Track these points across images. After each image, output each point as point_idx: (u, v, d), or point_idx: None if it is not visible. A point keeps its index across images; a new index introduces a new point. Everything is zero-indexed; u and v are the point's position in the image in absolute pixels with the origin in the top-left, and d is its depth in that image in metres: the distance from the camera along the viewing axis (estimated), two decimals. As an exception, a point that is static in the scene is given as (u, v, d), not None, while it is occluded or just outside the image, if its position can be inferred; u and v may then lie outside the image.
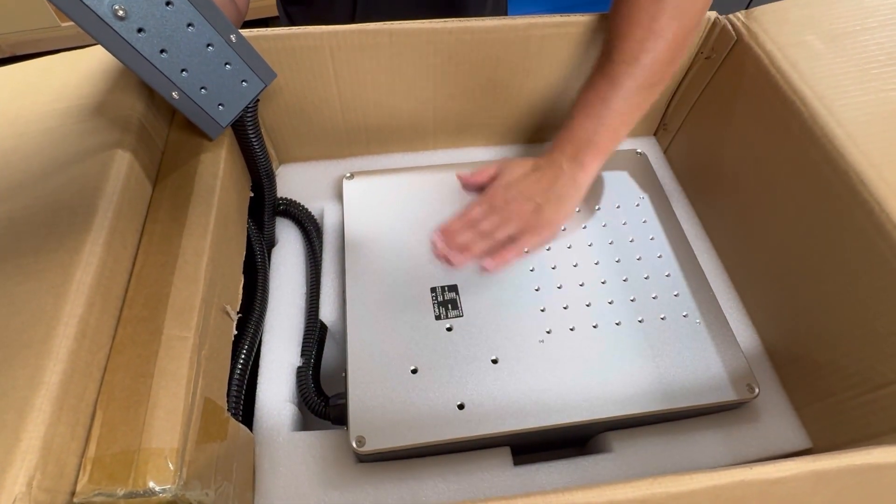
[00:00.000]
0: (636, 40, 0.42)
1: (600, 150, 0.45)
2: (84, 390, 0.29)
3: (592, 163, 0.45)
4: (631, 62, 0.42)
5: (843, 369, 0.39)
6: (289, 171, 0.59)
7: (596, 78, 0.45)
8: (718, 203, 0.54)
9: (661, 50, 0.42)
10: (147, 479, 0.27)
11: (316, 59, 0.48)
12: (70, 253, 0.31)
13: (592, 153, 0.45)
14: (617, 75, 0.43)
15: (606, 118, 0.44)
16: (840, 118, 0.40)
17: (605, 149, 0.45)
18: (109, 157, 0.36)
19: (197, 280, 0.35)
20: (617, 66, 0.43)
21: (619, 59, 0.43)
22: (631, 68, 0.42)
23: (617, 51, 0.43)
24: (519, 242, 0.45)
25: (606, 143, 0.45)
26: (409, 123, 0.56)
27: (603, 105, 0.44)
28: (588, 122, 0.44)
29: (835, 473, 0.26)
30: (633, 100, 0.44)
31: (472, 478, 0.39)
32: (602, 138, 0.44)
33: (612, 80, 0.43)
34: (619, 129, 0.45)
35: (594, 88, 0.44)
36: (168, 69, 0.36)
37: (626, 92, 0.43)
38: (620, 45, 0.43)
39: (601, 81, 0.44)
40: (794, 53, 0.44)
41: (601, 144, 0.45)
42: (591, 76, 0.46)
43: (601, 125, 0.44)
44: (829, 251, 0.40)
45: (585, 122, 0.44)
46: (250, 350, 0.42)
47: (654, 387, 0.40)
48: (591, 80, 0.45)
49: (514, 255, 0.45)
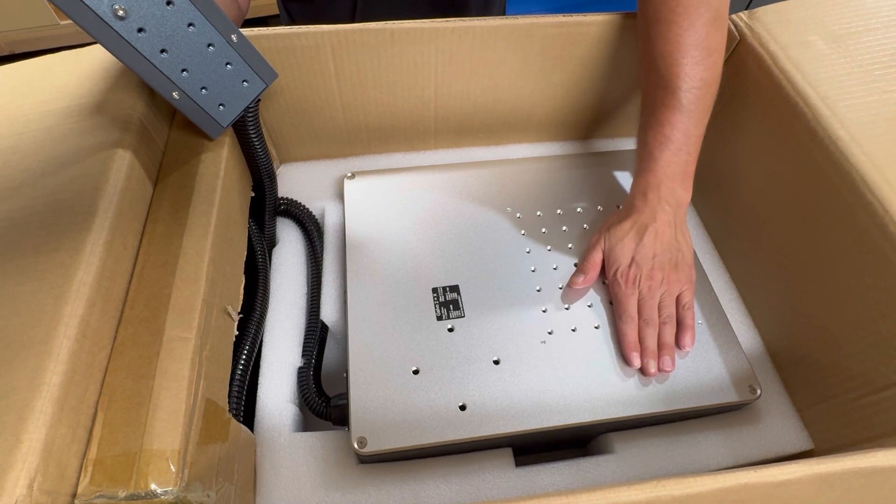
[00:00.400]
0: (696, 62, 0.41)
1: (691, 176, 0.44)
2: (85, 391, 0.29)
3: (689, 191, 0.44)
4: (695, 84, 0.41)
5: (846, 371, 0.39)
6: (290, 170, 0.58)
7: (664, 113, 0.42)
8: (721, 204, 0.53)
9: (719, 62, 0.42)
10: (149, 480, 0.27)
11: (317, 59, 0.48)
12: (70, 253, 0.31)
13: (686, 182, 0.44)
14: (684, 102, 0.42)
15: (689, 147, 0.43)
16: (844, 119, 0.40)
17: (693, 173, 0.44)
18: (110, 157, 0.36)
19: (198, 280, 0.35)
20: (682, 93, 0.41)
21: (683, 86, 0.41)
22: (701, 91, 0.42)
23: (676, 78, 0.41)
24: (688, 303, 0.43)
25: (693, 169, 0.44)
26: (411, 123, 0.56)
27: (684, 137, 0.42)
28: (672, 157, 0.43)
29: (839, 476, 0.26)
30: (703, 120, 0.43)
31: (473, 479, 0.39)
32: (691, 167, 0.43)
33: (680, 110, 0.42)
34: (697, 151, 0.44)
35: (667, 123, 0.42)
36: (168, 69, 0.36)
37: (698, 116, 0.42)
38: (677, 72, 0.41)
39: (671, 115, 0.42)
40: (797, 54, 0.44)
41: (691, 172, 0.44)
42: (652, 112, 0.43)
43: (689, 156, 0.43)
44: (833, 253, 0.40)
45: (670, 158, 0.43)
46: (251, 350, 0.42)
47: (655, 388, 0.40)
48: (658, 116, 0.43)
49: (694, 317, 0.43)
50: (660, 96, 0.43)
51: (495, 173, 0.53)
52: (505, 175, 0.53)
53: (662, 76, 0.43)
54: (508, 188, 0.52)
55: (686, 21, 0.41)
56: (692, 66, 0.41)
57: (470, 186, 0.52)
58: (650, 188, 0.43)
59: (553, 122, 0.59)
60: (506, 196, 0.52)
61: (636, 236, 0.43)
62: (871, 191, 0.36)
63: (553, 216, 0.50)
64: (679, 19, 0.41)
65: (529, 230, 0.49)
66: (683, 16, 0.41)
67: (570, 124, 0.60)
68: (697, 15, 0.41)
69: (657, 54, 0.43)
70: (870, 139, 0.38)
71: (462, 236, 0.48)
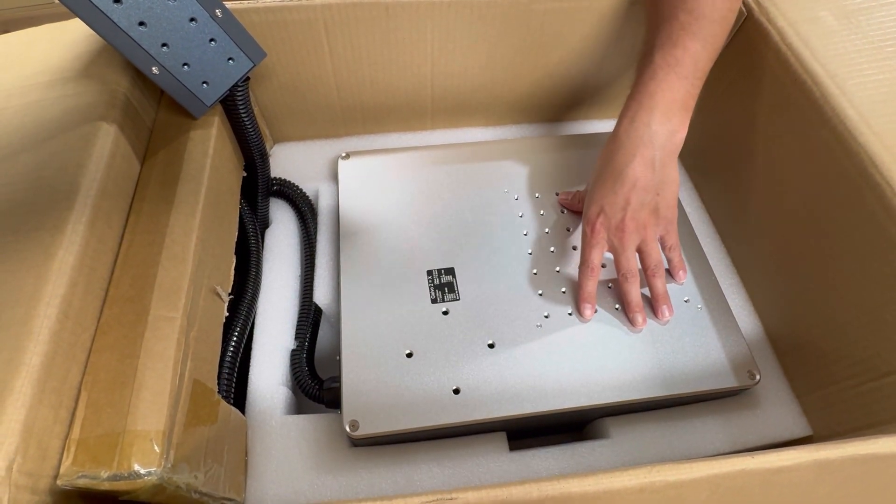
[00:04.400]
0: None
1: (690, 112, 0.40)
2: (67, 372, 0.28)
3: (685, 125, 0.40)
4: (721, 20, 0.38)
5: (848, 357, 0.38)
6: (283, 150, 0.57)
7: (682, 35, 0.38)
8: (722, 185, 0.52)
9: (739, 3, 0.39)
10: (132, 461, 0.26)
11: (309, 34, 0.46)
12: (51, 232, 0.30)
13: (685, 115, 0.40)
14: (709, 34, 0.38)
15: (699, 80, 0.39)
16: (853, 98, 0.38)
17: (691, 109, 0.40)
18: (93, 133, 0.35)
19: (185, 260, 0.34)
20: (710, 22, 0.38)
21: (713, 16, 0.38)
22: (721, 27, 0.38)
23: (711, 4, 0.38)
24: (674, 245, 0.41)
25: (693, 105, 0.40)
26: (407, 102, 0.55)
27: (694, 64, 0.39)
28: (679, 84, 0.38)
29: (838, 463, 0.25)
30: (713, 57, 0.40)
31: (467, 463, 0.39)
32: (691, 100, 0.40)
33: (701, 38, 0.38)
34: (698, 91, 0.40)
35: (684, 46, 0.38)
36: (147, 43, 0.34)
37: (715, 55, 0.39)
38: None
39: (687, 38, 0.38)
40: (806, 30, 0.42)
41: (691, 107, 0.40)
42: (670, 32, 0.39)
43: (692, 86, 0.39)
44: (838, 236, 0.39)
45: (676, 83, 0.38)
46: (242, 332, 0.41)
47: (653, 372, 0.40)
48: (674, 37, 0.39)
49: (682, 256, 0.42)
50: (682, 19, 0.39)
51: (493, 154, 0.52)
52: (502, 156, 0.52)
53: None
54: (506, 169, 0.51)
55: None
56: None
57: (466, 167, 0.51)
58: (641, 111, 0.39)
59: (553, 101, 0.58)
60: (503, 177, 0.50)
61: (608, 181, 0.40)
62: (879, 172, 0.35)
63: (551, 198, 0.49)
64: None
65: (527, 212, 0.48)
66: None
67: (571, 104, 0.59)
68: None
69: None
70: (880, 118, 0.37)
71: (458, 218, 0.47)
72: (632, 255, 0.41)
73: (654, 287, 0.41)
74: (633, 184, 0.39)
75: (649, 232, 0.40)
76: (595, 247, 0.41)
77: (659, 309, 0.41)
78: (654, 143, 0.39)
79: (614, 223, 0.40)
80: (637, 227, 0.40)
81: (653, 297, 0.42)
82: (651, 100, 0.39)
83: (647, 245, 0.41)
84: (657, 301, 0.41)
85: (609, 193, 0.40)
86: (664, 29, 0.40)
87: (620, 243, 0.40)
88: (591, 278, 0.41)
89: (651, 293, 0.42)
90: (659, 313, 0.41)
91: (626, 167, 0.39)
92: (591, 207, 0.41)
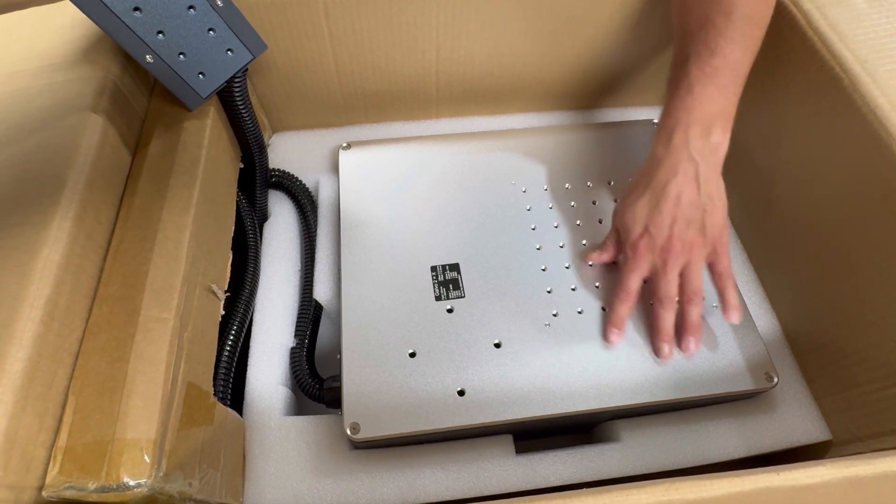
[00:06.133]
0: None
1: (731, 121, 0.38)
2: (53, 377, 0.27)
3: (727, 137, 0.37)
4: (761, 20, 0.37)
5: (871, 360, 0.36)
6: (282, 140, 0.55)
7: (719, 40, 0.37)
8: (740, 178, 0.50)
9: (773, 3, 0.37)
10: (121, 472, 0.25)
11: (308, 18, 0.44)
12: (36, 228, 0.29)
13: (726, 125, 0.37)
14: (747, 37, 0.36)
15: (739, 88, 0.37)
16: (884, 86, 0.36)
17: (732, 119, 0.38)
18: (81, 123, 0.33)
19: (178, 257, 0.33)
20: (748, 24, 0.36)
21: (755, 18, 0.36)
22: (759, 29, 0.36)
23: (749, 4, 0.36)
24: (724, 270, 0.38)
25: (733, 113, 0.38)
26: (410, 89, 0.53)
27: (734, 72, 0.37)
28: (719, 95, 0.37)
29: (870, 480, 0.24)
30: (750, 62, 0.38)
31: (472, 467, 0.37)
32: (732, 109, 0.37)
33: (740, 43, 0.36)
34: (737, 97, 0.38)
35: (723, 53, 0.36)
36: (141, 29, 0.33)
37: (753, 57, 0.37)
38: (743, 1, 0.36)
39: (725, 44, 0.36)
40: (834, 13, 0.40)
41: (732, 115, 0.38)
42: (707, 38, 0.37)
43: (735, 96, 0.37)
44: (865, 232, 0.37)
45: (716, 95, 0.37)
46: (240, 331, 0.40)
47: (666, 374, 0.38)
48: (710, 43, 0.37)
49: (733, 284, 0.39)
50: (719, 23, 0.37)
51: (500, 145, 0.50)
52: (510, 146, 0.50)
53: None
54: (513, 161, 0.49)
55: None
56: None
57: (473, 158, 0.49)
58: (678, 128, 0.37)
59: (563, 89, 0.55)
60: (511, 169, 0.48)
61: (651, 199, 0.37)
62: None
63: (561, 191, 0.47)
64: None
65: (535, 206, 0.46)
66: None
67: (582, 92, 0.56)
68: None
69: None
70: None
71: (463, 212, 0.46)
72: (674, 278, 0.37)
73: (689, 315, 0.38)
74: (676, 199, 0.37)
75: (695, 253, 0.37)
76: (636, 271, 0.38)
77: (685, 340, 0.38)
78: (696, 159, 0.37)
79: (659, 243, 0.37)
80: (683, 248, 0.37)
81: (684, 325, 0.38)
82: (689, 115, 0.37)
83: (690, 268, 0.37)
84: (687, 331, 0.38)
85: (654, 212, 0.37)
86: (699, 36, 0.38)
87: (664, 266, 0.37)
88: (627, 304, 0.38)
89: (683, 320, 0.38)
90: (684, 344, 0.38)
91: (669, 183, 0.37)
92: (632, 229, 0.38)
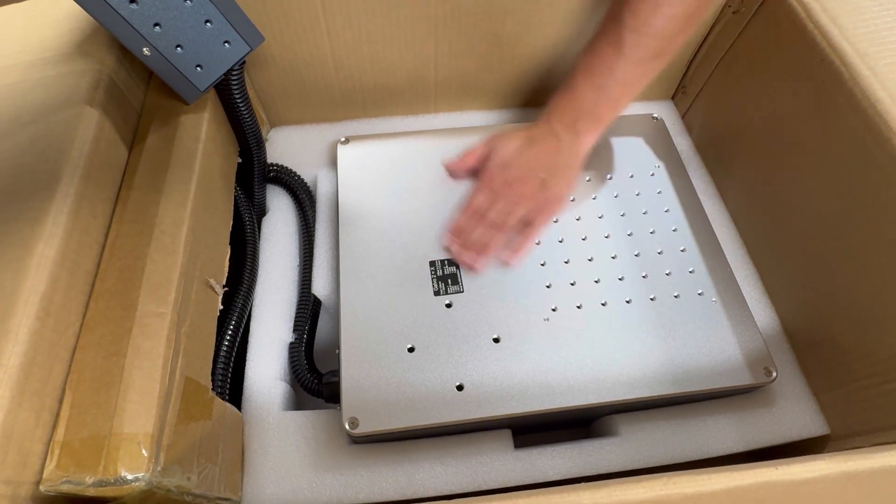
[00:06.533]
0: (650, 5, 0.38)
1: (600, 121, 0.42)
2: (50, 372, 0.27)
3: (591, 134, 0.43)
4: (642, 29, 0.39)
5: (872, 355, 0.36)
6: (280, 134, 0.55)
7: (600, 43, 0.41)
8: (740, 173, 0.50)
9: (677, 17, 0.38)
10: (118, 466, 0.25)
11: (305, 11, 0.44)
12: (31, 224, 0.29)
13: (592, 124, 0.42)
14: (625, 42, 0.39)
15: (610, 88, 0.41)
16: (885, 79, 0.36)
17: (605, 120, 0.43)
18: (76, 116, 0.33)
19: (175, 252, 0.32)
20: (627, 32, 0.39)
21: (630, 26, 0.39)
22: (641, 37, 0.39)
23: (629, 14, 0.39)
24: (533, 224, 0.42)
25: (607, 115, 0.42)
26: (409, 83, 0.52)
27: (608, 74, 0.41)
28: (590, 92, 0.41)
29: (868, 475, 0.24)
30: (639, 70, 0.41)
31: (470, 461, 0.37)
32: (603, 109, 0.42)
33: (618, 47, 0.40)
34: (621, 101, 0.42)
35: (598, 54, 0.41)
36: (138, 22, 0.32)
37: (634, 61, 0.40)
38: (633, 9, 0.39)
39: (606, 48, 0.40)
40: (834, 6, 0.40)
41: (602, 115, 0.42)
42: (594, 40, 0.42)
43: (603, 95, 0.41)
44: (866, 228, 0.36)
45: (587, 91, 0.42)
46: (238, 326, 0.40)
47: (665, 369, 0.38)
48: (594, 45, 0.42)
49: (532, 239, 0.43)
50: (605, 25, 0.41)
51: (499, 139, 0.50)
52: (509, 141, 0.50)
53: (615, 3, 0.40)
54: (513, 155, 0.49)
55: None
56: (646, 6, 0.38)
57: (471, 153, 0.49)
58: (553, 112, 0.43)
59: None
60: (510, 163, 0.48)
61: (523, 143, 0.43)
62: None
63: (560, 185, 0.47)
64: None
65: (534, 200, 0.46)
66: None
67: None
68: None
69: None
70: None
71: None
72: (503, 208, 0.42)
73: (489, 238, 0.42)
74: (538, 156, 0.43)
75: (525, 201, 0.42)
76: (485, 191, 0.43)
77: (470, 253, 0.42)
78: (564, 137, 0.42)
79: (508, 178, 0.43)
80: (522, 191, 0.42)
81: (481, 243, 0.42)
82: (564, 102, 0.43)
83: (514, 209, 0.42)
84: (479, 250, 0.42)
85: (518, 154, 0.43)
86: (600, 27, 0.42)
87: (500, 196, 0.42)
88: (471, 217, 0.43)
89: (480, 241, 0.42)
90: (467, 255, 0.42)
91: (543, 140, 0.43)
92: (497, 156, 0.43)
